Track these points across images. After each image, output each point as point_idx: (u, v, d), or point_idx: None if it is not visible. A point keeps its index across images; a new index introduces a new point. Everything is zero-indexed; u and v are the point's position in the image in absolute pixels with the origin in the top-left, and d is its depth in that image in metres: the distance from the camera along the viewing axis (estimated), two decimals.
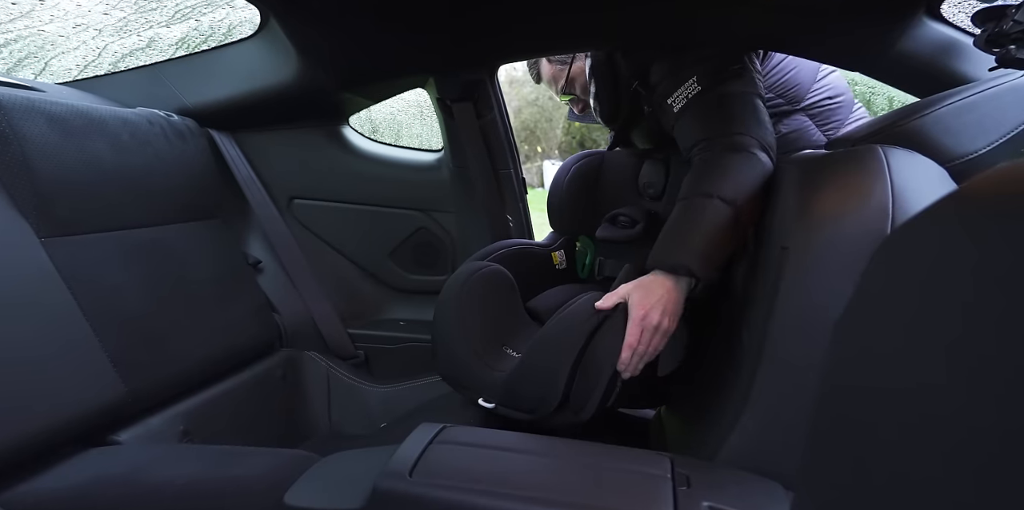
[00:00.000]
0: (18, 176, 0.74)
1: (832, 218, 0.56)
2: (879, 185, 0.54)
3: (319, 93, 1.14)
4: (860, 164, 0.58)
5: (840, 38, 0.82)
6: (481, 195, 1.23)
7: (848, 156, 0.61)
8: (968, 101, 0.63)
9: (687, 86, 0.83)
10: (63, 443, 0.70)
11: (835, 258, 0.54)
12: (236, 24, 1.21)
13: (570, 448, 0.58)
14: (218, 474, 0.64)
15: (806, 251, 0.57)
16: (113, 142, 0.89)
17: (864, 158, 0.58)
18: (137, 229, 0.91)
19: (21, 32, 1.16)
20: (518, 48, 1.09)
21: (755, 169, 0.74)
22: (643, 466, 0.55)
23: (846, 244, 0.54)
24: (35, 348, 0.69)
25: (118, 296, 0.83)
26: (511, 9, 0.90)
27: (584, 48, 1.03)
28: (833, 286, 0.54)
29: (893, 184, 0.54)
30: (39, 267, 0.74)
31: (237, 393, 1.01)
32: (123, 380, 0.78)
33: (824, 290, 0.55)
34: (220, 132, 1.20)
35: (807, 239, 0.57)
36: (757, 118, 0.79)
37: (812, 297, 0.56)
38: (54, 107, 0.81)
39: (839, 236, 0.55)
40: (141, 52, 1.24)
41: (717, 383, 0.71)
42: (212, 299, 1.01)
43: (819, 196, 0.59)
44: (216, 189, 1.13)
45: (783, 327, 0.58)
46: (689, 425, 0.78)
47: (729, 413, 0.62)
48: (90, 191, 0.83)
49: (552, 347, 0.71)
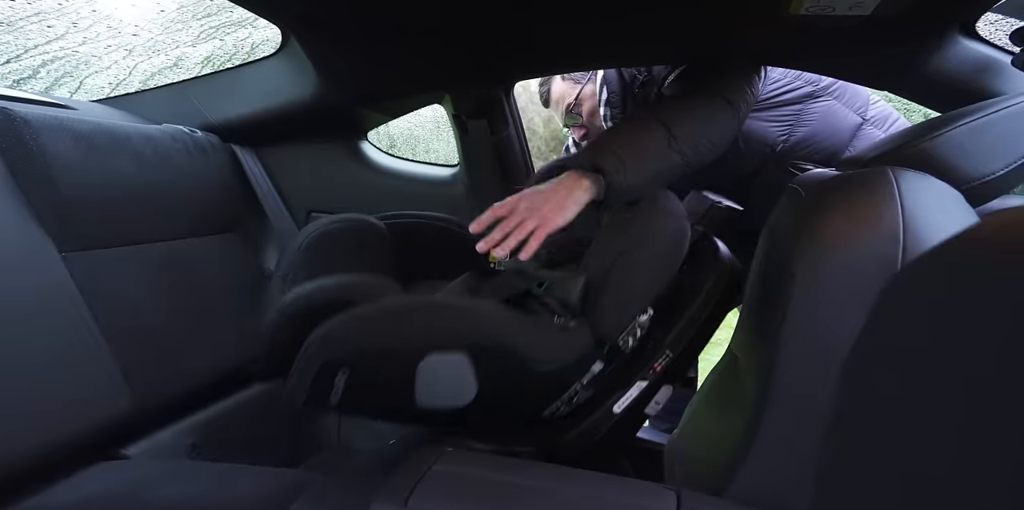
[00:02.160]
0: (42, 191, 0.76)
1: (841, 244, 0.53)
2: (889, 210, 0.52)
3: (337, 109, 1.16)
4: (870, 187, 0.55)
5: (868, 57, 0.80)
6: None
7: (857, 178, 0.58)
8: (984, 120, 0.60)
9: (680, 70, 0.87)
10: (72, 456, 0.71)
11: (844, 286, 0.52)
12: (259, 43, 1.25)
13: (572, 479, 0.56)
14: (218, 494, 0.63)
15: (814, 278, 0.54)
16: (136, 158, 0.92)
17: (874, 181, 0.55)
18: (156, 243, 0.93)
19: (57, 53, 1.21)
20: (536, 64, 1.10)
21: (708, 108, 0.77)
22: (647, 500, 0.52)
23: (855, 271, 0.51)
24: (50, 360, 0.70)
25: (134, 310, 0.84)
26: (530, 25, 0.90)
27: (602, 65, 1.03)
28: (842, 315, 0.51)
29: (904, 209, 0.52)
30: (58, 281, 0.75)
31: (247, 407, 1.01)
32: (134, 394, 0.79)
33: (833, 318, 0.52)
34: (242, 147, 1.23)
35: (815, 266, 0.54)
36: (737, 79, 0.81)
37: (820, 326, 0.53)
38: (80, 125, 0.84)
39: (848, 263, 0.52)
40: (169, 70, 1.28)
41: (726, 413, 0.69)
42: (227, 312, 1.03)
43: (827, 221, 0.56)
44: (235, 203, 1.16)
45: (791, 357, 0.55)
46: (701, 456, 0.75)
47: (739, 446, 0.60)
48: (111, 206, 0.85)
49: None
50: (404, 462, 0.56)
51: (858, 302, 0.40)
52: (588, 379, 0.70)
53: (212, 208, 1.07)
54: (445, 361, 0.62)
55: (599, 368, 0.70)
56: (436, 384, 0.63)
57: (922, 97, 0.83)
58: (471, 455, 0.61)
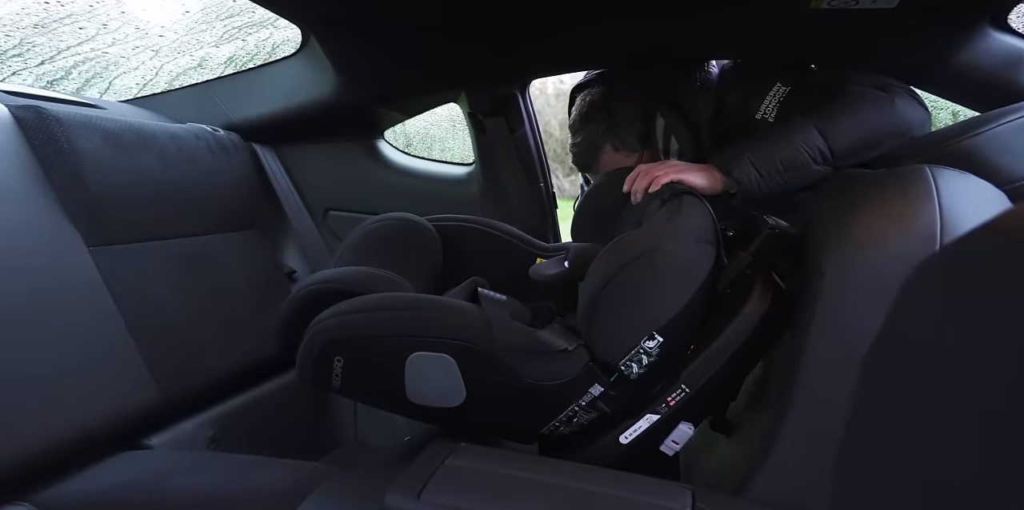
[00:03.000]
0: (72, 188, 0.79)
1: (872, 243, 0.52)
2: (925, 208, 0.50)
3: (355, 108, 1.18)
4: (905, 185, 0.53)
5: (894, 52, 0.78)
6: (513, 209, 1.23)
7: (892, 176, 0.57)
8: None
9: (773, 93, 0.82)
10: (97, 445, 0.73)
11: (874, 286, 0.50)
12: (280, 43, 1.27)
13: (586, 475, 0.56)
14: (236, 485, 0.64)
15: (843, 278, 0.53)
16: (161, 156, 0.94)
17: (909, 178, 0.54)
18: (178, 239, 0.95)
19: (88, 54, 1.25)
20: (552, 62, 1.10)
21: (875, 105, 0.71)
22: (662, 499, 0.52)
23: (886, 271, 0.50)
24: (77, 351, 0.73)
25: (158, 303, 0.86)
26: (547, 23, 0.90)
27: (618, 64, 1.02)
28: (870, 316, 0.49)
29: (942, 207, 0.50)
30: (86, 274, 0.78)
31: (265, 401, 1.03)
32: (157, 385, 0.81)
33: (860, 320, 0.50)
34: (262, 146, 1.25)
35: (844, 265, 0.53)
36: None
37: (847, 326, 0.52)
38: (109, 123, 0.86)
39: (879, 262, 0.50)
40: (194, 71, 1.31)
41: (747, 413, 0.67)
42: (247, 307, 1.04)
43: (859, 219, 0.55)
44: (255, 201, 1.18)
45: (816, 357, 0.54)
46: (720, 454, 0.74)
47: (759, 446, 0.59)
48: (137, 202, 0.88)
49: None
50: (418, 456, 0.57)
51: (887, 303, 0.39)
52: (587, 401, 0.67)
53: (233, 205, 1.10)
54: (431, 359, 0.63)
55: (599, 391, 0.66)
56: (424, 381, 0.65)
57: (950, 93, 0.81)
58: (484, 450, 0.61)
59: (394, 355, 0.64)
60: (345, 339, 0.65)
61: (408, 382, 0.64)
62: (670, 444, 0.67)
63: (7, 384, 0.64)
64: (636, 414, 0.66)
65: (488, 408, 0.67)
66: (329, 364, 0.66)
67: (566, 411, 0.67)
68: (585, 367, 0.65)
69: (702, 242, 0.65)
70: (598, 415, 0.68)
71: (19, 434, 0.64)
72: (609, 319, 0.63)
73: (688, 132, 0.92)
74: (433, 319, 0.66)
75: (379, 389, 0.68)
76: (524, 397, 0.66)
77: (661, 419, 0.65)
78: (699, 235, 0.65)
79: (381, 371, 0.66)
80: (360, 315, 0.66)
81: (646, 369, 0.65)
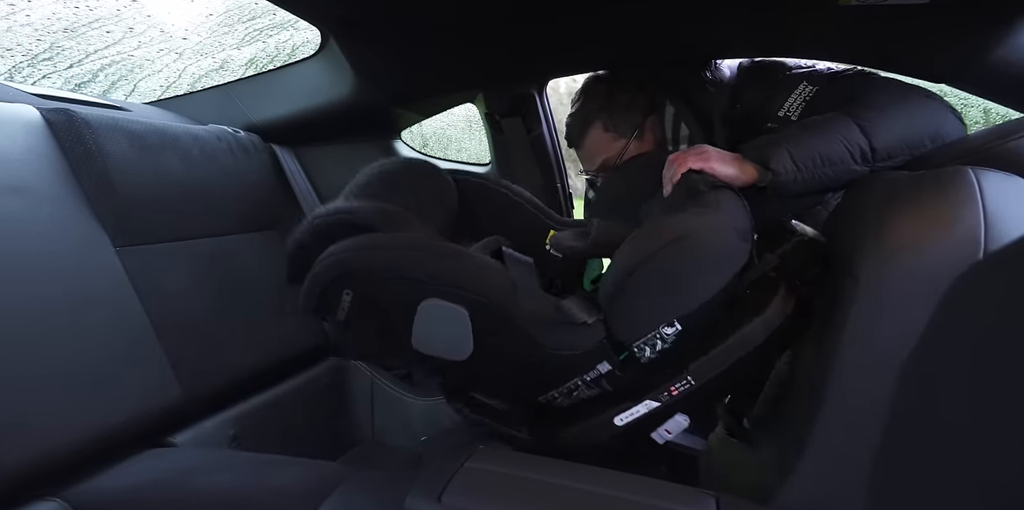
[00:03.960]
0: (100, 189, 0.80)
1: (910, 247, 0.50)
2: (969, 211, 0.48)
3: (373, 109, 1.18)
4: (946, 187, 0.51)
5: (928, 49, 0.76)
6: None
7: (932, 178, 0.55)
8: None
9: (799, 92, 0.80)
10: (124, 442, 0.74)
11: (911, 291, 0.49)
12: (299, 45, 1.28)
13: (606, 480, 0.55)
14: (258, 484, 0.65)
15: (879, 282, 0.51)
16: (184, 157, 0.96)
17: (951, 181, 0.52)
18: (201, 239, 0.97)
19: (114, 58, 1.28)
20: (570, 62, 1.09)
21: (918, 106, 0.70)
22: (686, 505, 0.51)
23: (925, 277, 0.48)
24: (105, 350, 0.74)
25: (181, 302, 0.88)
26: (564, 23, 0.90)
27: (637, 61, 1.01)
28: (907, 322, 0.48)
29: (986, 211, 0.48)
30: (113, 274, 0.79)
31: (285, 400, 1.04)
32: (181, 384, 0.82)
33: (896, 326, 0.49)
34: (282, 147, 1.26)
35: (880, 269, 0.51)
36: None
37: (882, 333, 0.50)
38: (134, 125, 0.88)
39: (918, 267, 0.49)
40: (215, 73, 1.33)
41: (775, 420, 0.66)
42: (267, 307, 1.06)
43: (896, 222, 0.53)
44: (275, 201, 1.19)
45: (849, 364, 0.52)
46: (744, 462, 0.73)
47: (788, 454, 0.58)
48: (161, 203, 0.89)
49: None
50: (437, 458, 0.57)
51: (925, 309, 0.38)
52: (592, 377, 0.66)
53: (254, 206, 1.11)
54: (445, 309, 0.62)
55: (606, 369, 0.66)
56: (432, 329, 0.63)
57: (986, 90, 0.78)
58: (503, 453, 0.61)
59: (408, 298, 0.62)
60: (361, 274, 0.64)
61: (416, 327, 0.63)
62: (663, 432, 0.67)
63: (40, 382, 0.65)
64: (636, 398, 0.66)
65: (491, 367, 0.66)
66: (337, 296, 0.65)
67: (568, 383, 0.67)
68: (599, 343, 0.65)
69: (739, 235, 0.64)
70: (599, 393, 0.68)
71: (51, 431, 0.65)
72: (635, 301, 0.63)
73: (697, 119, 0.91)
74: (458, 269, 0.64)
75: (383, 329, 0.67)
76: (531, 362, 0.65)
77: (660, 407, 0.65)
78: (737, 228, 0.65)
79: (390, 311, 0.64)
80: (382, 253, 0.65)
81: (657, 355, 0.64)
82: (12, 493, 0.62)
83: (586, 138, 0.97)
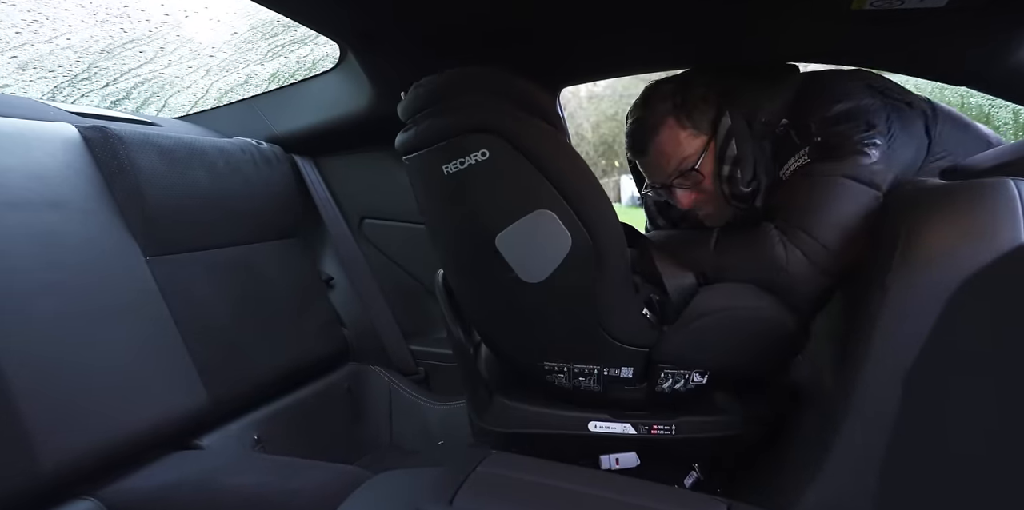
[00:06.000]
0: (132, 202, 0.84)
1: (942, 257, 0.49)
2: (1009, 222, 0.47)
3: (390, 119, 1.21)
4: (984, 198, 0.50)
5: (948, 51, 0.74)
6: None
7: (967, 189, 0.53)
8: None
9: (798, 157, 0.72)
10: (154, 445, 0.78)
11: (940, 303, 0.48)
12: (319, 59, 1.32)
13: (618, 485, 0.55)
14: (279, 486, 0.67)
15: (909, 293, 0.50)
16: (210, 169, 1.00)
17: (990, 191, 0.51)
18: (225, 248, 1.00)
19: (147, 75, 1.34)
20: (584, 70, 1.09)
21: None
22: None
23: (957, 289, 0.47)
24: (135, 355, 0.78)
25: (206, 309, 0.91)
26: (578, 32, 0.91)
27: (649, 68, 1.01)
28: (934, 332, 0.47)
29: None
30: (144, 283, 0.83)
31: (306, 404, 1.06)
32: (207, 388, 0.85)
33: (924, 338, 0.48)
34: (302, 157, 1.30)
35: (910, 280, 0.51)
36: (828, 210, 0.67)
37: (910, 345, 0.49)
38: (164, 140, 0.92)
39: (950, 279, 0.48)
40: (240, 87, 1.38)
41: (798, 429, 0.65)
42: (288, 313, 1.09)
43: (929, 232, 0.52)
44: (296, 210, 1.23)
45: (875, 375, 0.52)
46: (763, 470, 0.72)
47: (809, 463, 0.57)
48: (188, 214, 0.93)
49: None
50: (449, 462, 0.58)
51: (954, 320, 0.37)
52: (607, 373, 0.66)
53: (276, 215, 1.14)
54: (557, 227, 0.59)
55: (625, 374, 0.66)
56: (529, 236, 0.60)
57: (1009, 92, 0.76)
58: (515, 458, 0.61)
59: (530, 197, 0.59)
60: (507, 142, 0.61)
61: (517, 226, 0.59)
62: (608, 459, 0.69)
63: (76, 386, 0.69)
64: (619, 416, 0.67)
65: (540, 304, 0.64)
66: (476, 145, 0.61)
67: (582, 366, 0.67)
68: (641, 350, 0.66)
69: (800, 324, 0.67)
70: (599, 392, 0.68)
71: (86, 433, 0.68)
72: (690, 340, 0.66)
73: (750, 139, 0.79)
74: (593, 207, 0.61)
75: (484, 211, 0.62)
76: (576, 325, 0.65)
77: (634, 436, 0.67)
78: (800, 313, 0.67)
79: (512, 192, 0.61)
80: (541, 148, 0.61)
81: (671, 392, 0.66)
82: (52, 492, 0.65)
83: (660, 138, 0.82)
